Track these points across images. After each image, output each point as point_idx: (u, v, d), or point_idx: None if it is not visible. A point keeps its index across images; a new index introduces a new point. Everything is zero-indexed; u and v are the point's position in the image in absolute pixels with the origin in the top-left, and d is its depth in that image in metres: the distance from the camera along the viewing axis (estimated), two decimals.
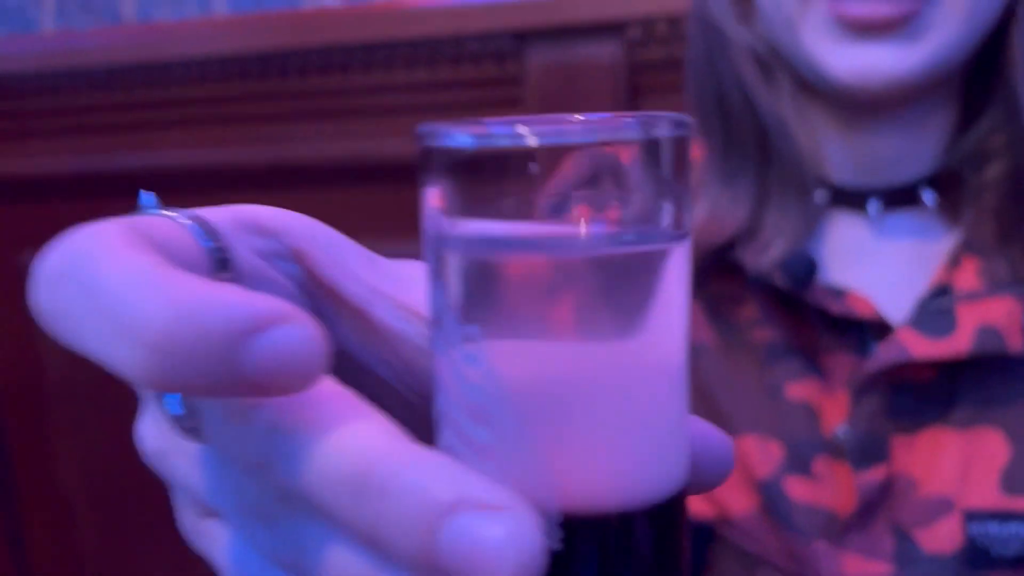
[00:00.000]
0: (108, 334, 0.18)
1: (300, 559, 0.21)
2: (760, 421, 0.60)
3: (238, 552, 0.24)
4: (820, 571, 0.58)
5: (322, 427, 0.19)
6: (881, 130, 0.60)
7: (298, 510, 0.21)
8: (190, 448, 0.24)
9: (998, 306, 0.57)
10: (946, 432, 0.58)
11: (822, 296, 0.59)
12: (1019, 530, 0.56)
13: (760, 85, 0.59)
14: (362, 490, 0.18)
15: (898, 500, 0.58)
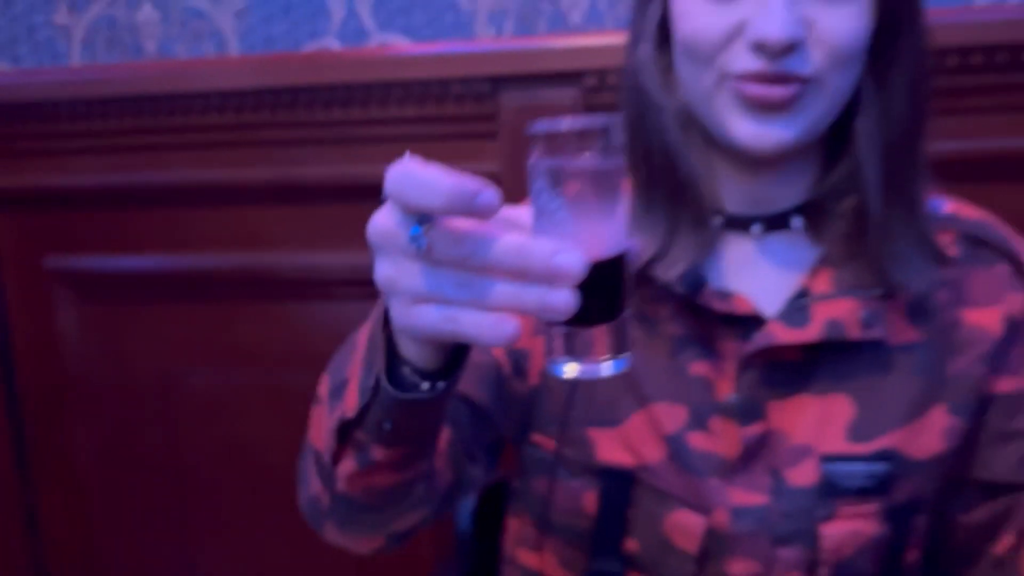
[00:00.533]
0: (426, 193, 0.44)
1: (481, 295, 0.46)
2: (671, 392, 0.76)
3: (428, 304, 0.48)
4: (713, 502, 0.75)
5: (498, 235, 0.45)
6: (765, 175, 0.76)
7: (481, 277, 0.46)
8: (414, 267, 0.47)
9: (842, 305, 0.73)
10: (808, 397, 0.75)
11: (711, 299, 0.75)
12: (859, 468, 0.74)
13: (678, 140, 0.74)
14: (519, 253, 0.45)
15: (772, 448, 0.75)
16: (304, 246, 1.40)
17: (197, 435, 1.52)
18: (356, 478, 0.63)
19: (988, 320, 0.77)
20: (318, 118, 1.32)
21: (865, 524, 0.74)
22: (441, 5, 1.31)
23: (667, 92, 0.75)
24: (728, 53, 0.69)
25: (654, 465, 0.76)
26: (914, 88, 0.72)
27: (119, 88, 1.37)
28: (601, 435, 0.78)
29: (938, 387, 0.76)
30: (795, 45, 0.66)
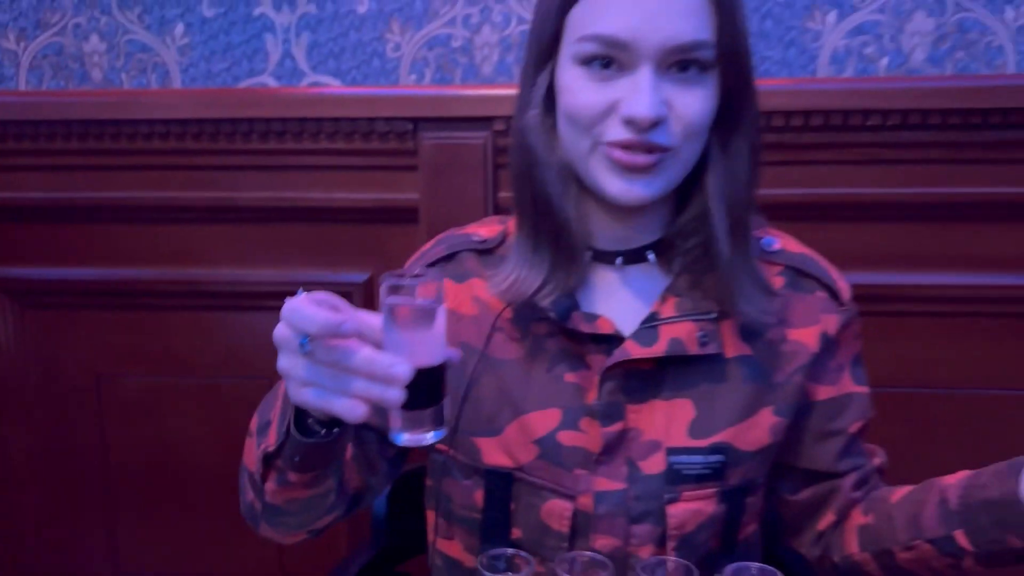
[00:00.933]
0: (306, 323, 0.67)
1: (345, 387, 0.67)
2: (548, 398, 0.90)
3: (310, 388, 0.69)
4: (580, 489, 0.89)
5: (357, 348, 0.68)
6: (628, 219, 0.90)
7: (345, 374, 0.68)
8: (302, 363, 0.69)
9: (683, 327, 0.88)
10: (658, 402, 0.89)
11: (579, 322, 0.88)
12: (698, 460, 0.89)
13: (558, 192, 0.87)
14: (369, 362, 0.67)
15: (629, 443, 0.89)
16: (235, 261, 1.53)
17: (126, 436, 1.63)
18: (278, 493, 0.84)
19: (807, 337, 0.92)
20: (254, 147, 1.46)
21: (705, 504, 0.89)
22: (369, 52, 1.48)
23: (550, 150, 0.87)
24: (603, 124, 0.82)
25: (528, 464, 0.91)
26: (751, 150, 0.87)
27: (67, 112, 1.48)
28: (485, 443, 0.92)
29: (766, 392, 0.91)
30: (659, 121, 0.80)
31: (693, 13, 0.79)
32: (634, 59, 0.80)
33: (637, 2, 0.79)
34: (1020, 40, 1.36)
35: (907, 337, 1.42)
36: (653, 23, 0.79)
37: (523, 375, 0.91)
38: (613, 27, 0.79)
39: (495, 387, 0.92)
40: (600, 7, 0.81)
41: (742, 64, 0.83)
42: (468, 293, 0.95)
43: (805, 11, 1.39)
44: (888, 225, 1.39)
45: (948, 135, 1.33)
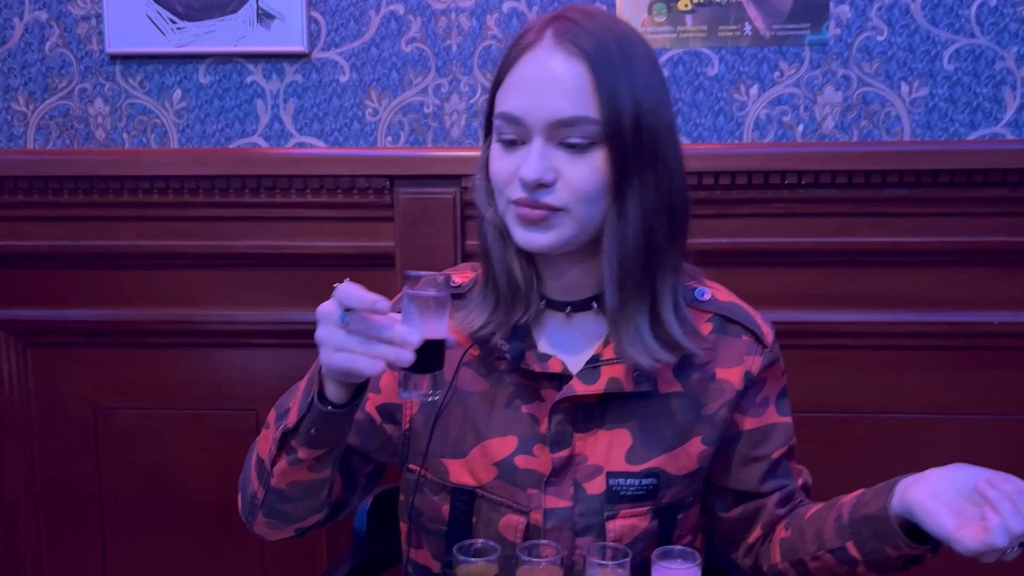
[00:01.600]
0: (352, 299, 0.83)
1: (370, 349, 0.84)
2: (506, 426, 1.03)
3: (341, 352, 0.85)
4: (531, 506, 1.02)
5: (383, 321, 0.84)
6: (568, 273, 1.02)
7: (371, 341, 0.84)
8: (338, 332, 0.84)
9: (619, 367, 0.99)
10: (601, 431, 1.02)
11: (532, 362, 1.01)
12: (633, 482, 1.01)
13: (496, 244, 1.00)
14: (391, 331, 0.83)
15: (575, 467, 1.02)
16: (226, 303, 1.69)
17: (121, 465, 1.76)
18: (286, 474, 0.97)
19: (733, 377, 1.04)
20: (245, 201, 1.63)
21: (639, 520, 1.02)
22: (350, 117, 1.66)
23: (489, 209, 1.01)
24: (510, 186, 0.95)
25: (488, 484, 1.03)
26: (646, 217, 0.94)
27: (73, 169, 1.64)
28: (452, 464, 1.05)
29: (695, 424, 1.03)
30: (544, 184, 0.92)
31: (575, 93, 0.91)
32: (528, 132, 0.93)
33: (528, 85, 0.93)
34: (914, 111, 1.58)
35: (826, 368, 1.62)
36: (539, 102, 0.92)
37: (486, 406, 1.04)
38: (511, 106, 0.94)
39: (461, 415, 1.05)
40: (507, 90, 0.95)
41: (630, 140, 0.92)
42: None
43: (731, 84, 1.61)
44: (805, 270, 1.59)
45: (853, 193, 1.54)
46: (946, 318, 1.58)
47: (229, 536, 1.75)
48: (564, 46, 0.92)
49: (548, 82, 0.92)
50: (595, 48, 0.92)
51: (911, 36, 1.57)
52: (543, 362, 1.02)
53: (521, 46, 0.95)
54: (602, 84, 0.91)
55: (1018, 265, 1.57)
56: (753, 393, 1.07)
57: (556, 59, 0.92)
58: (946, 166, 1.51)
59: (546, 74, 0.93)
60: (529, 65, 0.94)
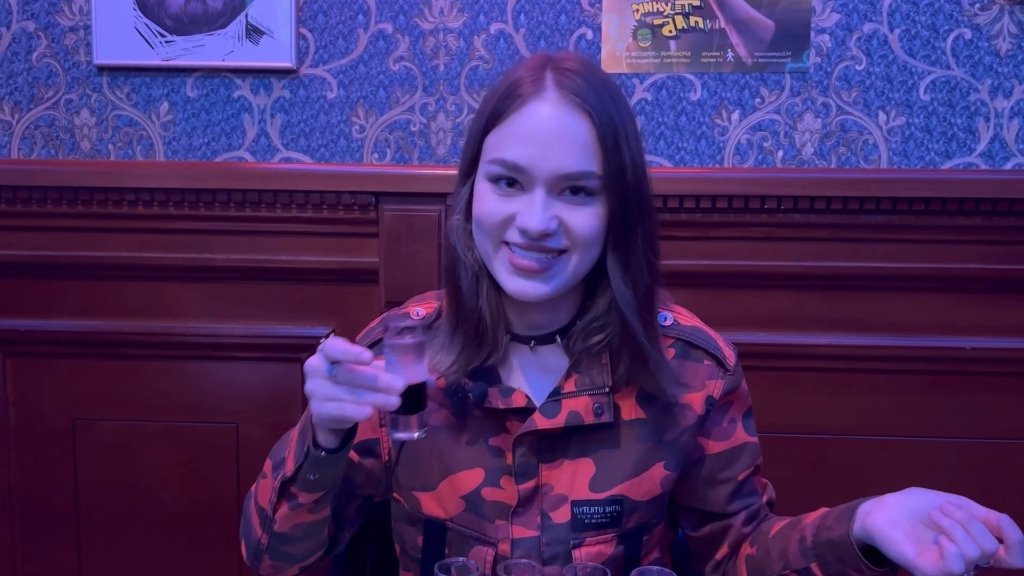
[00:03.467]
0: (338, 353, 0.88)
1: (358, 397, 0.88)
2: (474, 460, 1.04)
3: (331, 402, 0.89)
4: (499, 537, 1.04)
5: (369, 371, 0.88)
6: (536, 310, 1.03)
7: (358, 389, 0.88)
8: (326, 384, 0.89)
9: (581, 400, 1.02)
10: (566, 461, 1.04)
11: (495, 399, 1.02)
12: (597, 510, 1.03)
13: (471, 286, 1.01)
14: (376, 379, 0.88)
15: (541, 497, 1.04)
16: (209, 316, 1.69)
17: (98, 476, 1.75)
18: (288, 518, 1.02)
19: (694, 402, 1.06)
20: (230, 214, 1.64)
21: (605, 547, 1.04)
22: (336, 133, 1.68)
23: (467, 250, 1.01)
24: (504, 230, 0.96)
25: (456, 516, 1.06)
26: (646, 259, 0.99)
27: (58, 179, 1.64)
28: (423, 496, 1.08)
29: (657, 450, 1.05)
30: (548, 234, 0.94)
31: (581, 148, 0.94)
32: (531, 181, 0.94)
33: (535, 136, 0.94)
34: (891, 139, 1.62)
35: (801, 390, 1.65)
36: (547, 154, 0.93)
37: (453, 439, 1.06)
38: (515, 155, 0.94)
39: (429, 448, 1.07)
40: (507, 137, 0.96)
41: (628, 191, 0.96)
42: None
43: (713, 109, 1.64)
44: (782, 293, 1.62)
45: (831, 218, 1.58)
46: (919, 343, 1.62)
47: (206, 549, 1.75)
48: (570, 100, 0.95)
49: (556, 137, 0.94)
50: (598, 105, 0.95)
51: (889, 66, 1.60)
52: (507, 396, 1.04)
53: (519, 94, 0.96)
54: (605, 141, 0.94)
55: (989, 292, 1.61)
56: (718, 416, 1.10)
57: (564, 114, 0.94)
58: (922, 194, 1.55)
59: (554, 128, 0.94)
60: (533, 117, 0.95)
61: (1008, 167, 1.60)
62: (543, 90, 0.95)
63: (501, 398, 1.04)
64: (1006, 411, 1.63)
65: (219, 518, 1.74)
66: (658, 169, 1.63)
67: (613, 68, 1.63)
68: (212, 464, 1.72)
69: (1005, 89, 1.59)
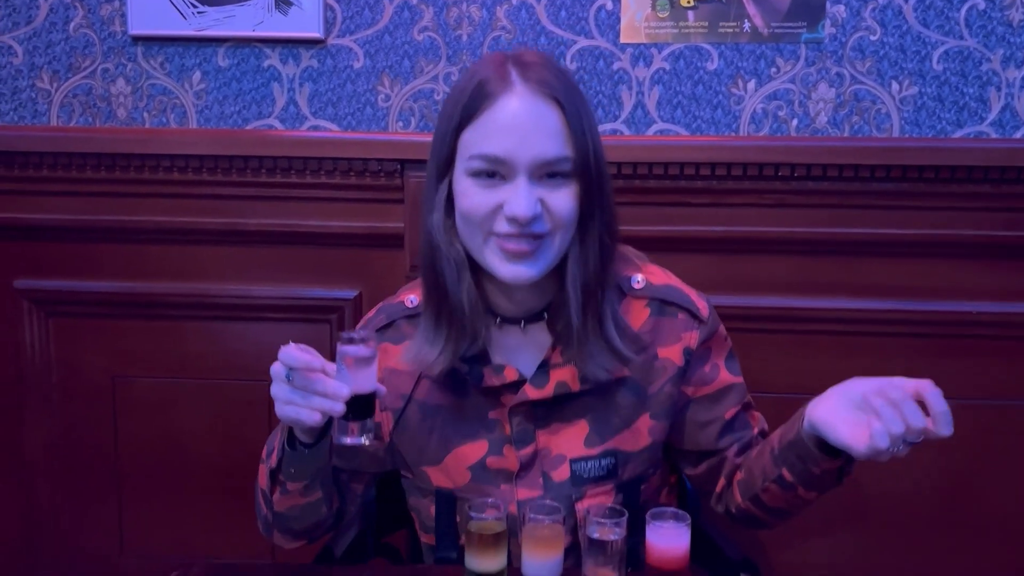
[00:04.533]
0: (292, 360, 0.98)
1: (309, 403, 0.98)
2: (476, 432, 1.14)
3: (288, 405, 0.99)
4: (506, 501, 1.11)
5: (321, 378, 0.98)
6: (524, 293, 1.10)
7: (310, 395, 0.98)
8: (285, 388, 0.99)
9: (567, 370, 1.11)
10: (560, 425, 1.14)
11: (490, 377, 1.12)
12: (593, 464, 1.13)
13: (454, 278, 1.07)
14: (325, 386, 0.98)
15: (541, 460, 1.14)
16: (241, 278, 1.76)
17: (136, 431, 1.84)
18: (282, 501, 1.13)
19: (673, 354, 1.15)
20: (260, 181, 1.70)
21: (605, 498, 1.14)
22: (362, 102, 1.73)
23: (449, 244, 1.08)
24: (492, 221, 1.03)
25: (464, 486, 1.15)
26: (601, 243, 1.07)
27: (95, 146, 1.71)
28: (432, 471, 1.18)
29: (643, 403, 1.14)
30: (536, 218, 1.02)
31: (555, 134, 1.02)
32: (512, 171, 1.02)
33: (511, 128, 1.01)
34: (903, 108, 1.65)
35: (812, 353, 1.70)
36: (525, 144, 1.01)
37: (455, 417, 1.16)
38: (495, 148, 1.02)
39: (431, 428, 1.16)
40: (484, 133, 1.03)
41: (592, 174, 1.04)
42: (403, 352, 1.17)
43: (730, 79, 1.67)
44: (794, 258, 1.67)
45: (843, 185, 1.62)
46: (928, 307, 1.66)
47: (238, 501, 1.83)
48: (538, 91, 1.02)
49: (531, 126, 1.02)
50: (565, 95, 1.03)
51: (903, 36, 1.63)
52: (499, 373, 1.13)
53: (488, 91, 1.03)
54: (574, 127, 1.03)
55: (997, 258, 1.65)
56: (699, 364, 1.17)
57: (535, 104, 1.02)
58: (932, 162, 1.59)
59: (529, 118, 1.02)
60: (507, 110, 1.02)
61: (1018, 136, 1.64)
62: (511, 85, 1.03)
63: (495, 375, 1.13)
64: (1012, 374, 1.68)
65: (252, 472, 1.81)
66: (675, 137, 1.67)
67: (632, 38, 1.67)
68: (245, 420, 1.80)
69: (1017, 59, 1.62)
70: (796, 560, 1.76)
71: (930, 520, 1.74)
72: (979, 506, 1.73)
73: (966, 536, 1.74)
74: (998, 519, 1.73)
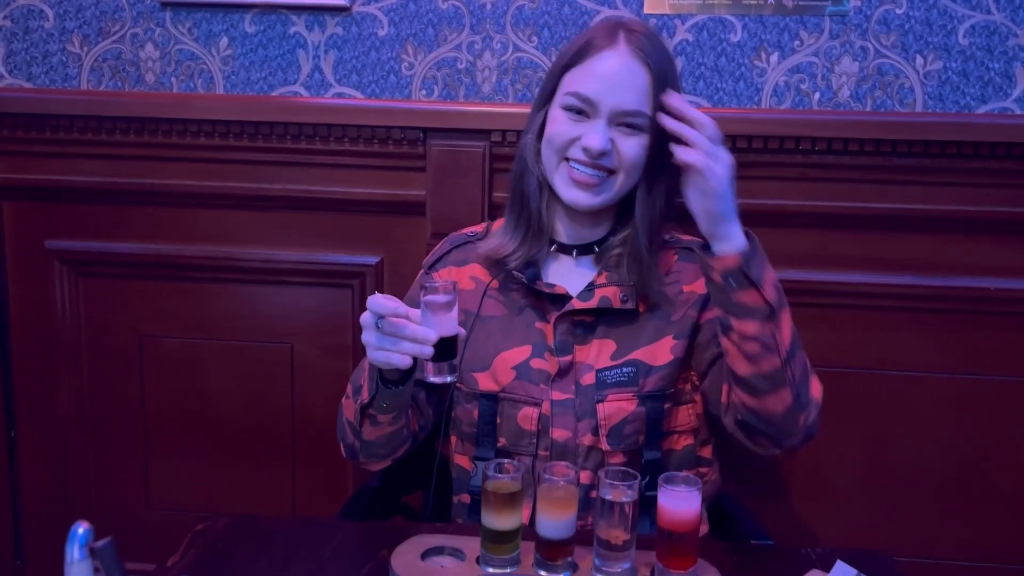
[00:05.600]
0: (380, 308, 1.07)
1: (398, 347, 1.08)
2: (524, 338, 1.29)
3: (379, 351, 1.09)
4: (542, 399, 1.26)
5: (408, 325, 1.08)
6: (580, 222, 1.31)
7: (399, 340, 1.08)
8: (374, 336, 1.09)
9: (611, 290, 1.27)
10: (594, 340, 1.28)
11: (542, 286, 1.29)
12: (615, 371, 1.26)
13: (536, 195, 1.29)
14: (414, 332, 1.08)
15: (575, 368, 1.27)
16: (265, 243, 1.80)
17: (163, 389, 1.89)
18: (372, 431, 1.24)
19: (696, 286, 1.29)
20: (286, 147, 1.73)
21: (626, 404, 1.25)
22: (386, 70, 1.74)
23: (536, 164, 1.30)
24: (569, 147, 1.24)
25: (508, 385, 1.28)
26: (667, 192, 1.26)
27: (124, 110, 1.74)
28: (480, 375, 1.30)
29: (667, 327, 1.28)
30: (605, 153, 1.21)
31: (638, 91, 1.21)
32: (596, 112, 1.22)
33: (605, 77, 1.21)
34: (927, 83, 1.65)
35: (830, 325, 1.71)
36: (612, 92, 1.21)
37: (506, 324, 1.31)
38: (587, 90, 1.22)
39: (485, 336, 1.30)
40: (583, 75, 1.23)
41: (667, 135, 1.15)
42: (467, 274, 1.35)
43: (753, 51, 1.67)
44: (814, 232, 1.68)
45: (865, 160, 1.62)
46: (946, 283, 1.67)
47: (262, 460, 1.88)
48: (637, 54, 1.21)
49: (621, 79, 1.21)
50: (657, 62, 1.22)
51: (929, 10, 1.62)
52: (551, 287, 1.29)
53: (597, 44, 1.23)
54: (657, 91, 1.20)
55: (1018, 235, 1.65)
56: (707, 297, 1.28)
57: (630, 62, 1.21)
58: (955, 138, 1.58)
59: (622, 72, 1.21)
60: (607, 61, 1.22)
61: None
62: (616, 44, 1.22)
63: (546, 287, 1.29)
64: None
65: (275, 430, 1.87)
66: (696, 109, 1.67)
67: (656, 9, 1.67)
68: (269, 380, 1.84)
69: None
70: (809, 533, 1.78)
71: (946, 494, 1.75)
72: (995, 481, 1.74)
73: (981, 511, 1.76)
74: (1014, 494, 1.74)
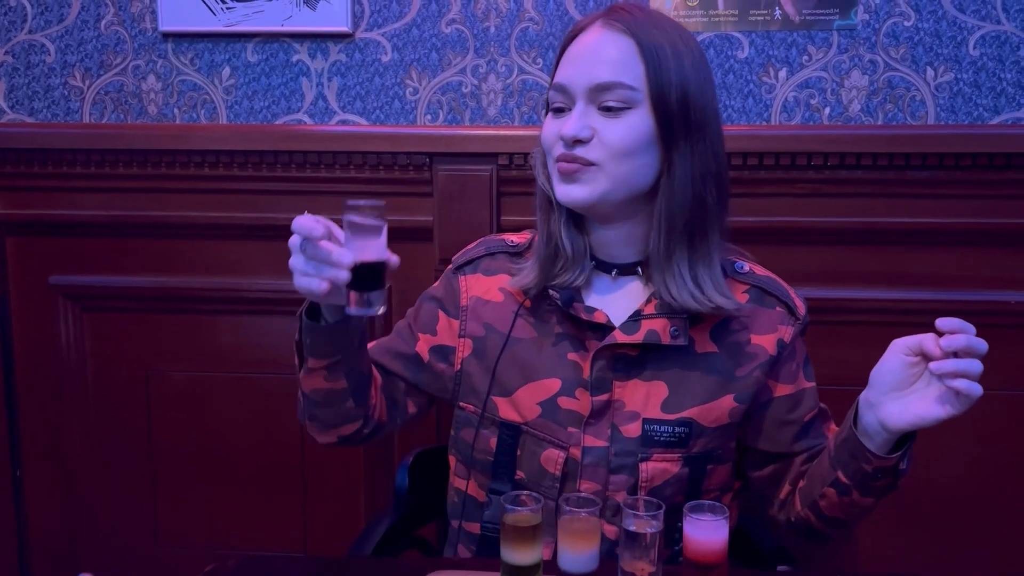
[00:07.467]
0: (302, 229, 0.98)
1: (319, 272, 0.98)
2: (553, 370, 1.14)
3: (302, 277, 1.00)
4: (571, 443, 1.12)
5: (329, 247, 0.97)
6: (612, 236, 1.14)
7: (320, 264, 0.98)
8: (299, 259, 1.00)
9: (659, 322, 1.10)
10: (639, 381, 1.12)
11: (580, 311, 1.12)
12: (667, 429, 1.11)
13: (545, 210, 1.15)
14: (332, 254, 0.97)
15: (613, 411, 1.12)
16: (272, 273, 1.77)
17: (171, 423, 1.86)
18: (306, 380, 1.14)
19: (767, 343, 1.14)
20: (291, 175, 1.71)
21: (671, 465, 1.12)
22: (390, 95, 1.73)
23: (542, 175, 1.16)
24: (555, 146, 1.10)
25: (532, 421, 1.15)
26: (695, 181, 1.08)
27: (127, 143, 1.72)
28: (501, 402, 1.17)
29: (728, 383, 1.13)
30: (581, 140, 1.07)
31: (615, 62, 1.06)
32: (572, 99, 1.09)
33: (576, 58, 1.10)
34: (939, 96, 1.63)
35: (845, 343, 1.68)
36: (581, 70, 1.08)
37: (536, 350, 1.16)
38: (559, 77, 1.11)
39: (512, 359, 1.17)
40: (558, 68, 1.12)
41: (675, 109, 1.06)
42: (495, 284, 1.22)
43: (761, 67, 1.66)
44: (827, 248, 1.65)
45: (877, 174, 1.60)
46: (964, 296, 1.64)
47: (272, 493, 1.85)
48: (611, 26, 1.08)
49: (590, 53, 1.08)
50: (642, 29, 1.07)
51: (938, 22, 1.61)
52: (589, 313, 1.13)
53: (573, 33, 1.12)
54: (648, 58, 1.06)
55: None
56: (786, 360, 1.17)
57: (601, 35, 1.08)
58: (968, 149, 1.56)
59: (590, 47, 1.08)
60: (578, 44, 1.10)
61: None
62: (592, 25, 1.10)
63: (584, 312, 1.13)
64: None
65: (284, 464, 1.84)
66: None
67: None
68: (277, 413, 1.81)
69: None
70: (832, 556, 1.75)
71: (963, 510, 1.72)
72: (1016, 497, 1.70)
73: (1000, 526, 1.72)
74: None
